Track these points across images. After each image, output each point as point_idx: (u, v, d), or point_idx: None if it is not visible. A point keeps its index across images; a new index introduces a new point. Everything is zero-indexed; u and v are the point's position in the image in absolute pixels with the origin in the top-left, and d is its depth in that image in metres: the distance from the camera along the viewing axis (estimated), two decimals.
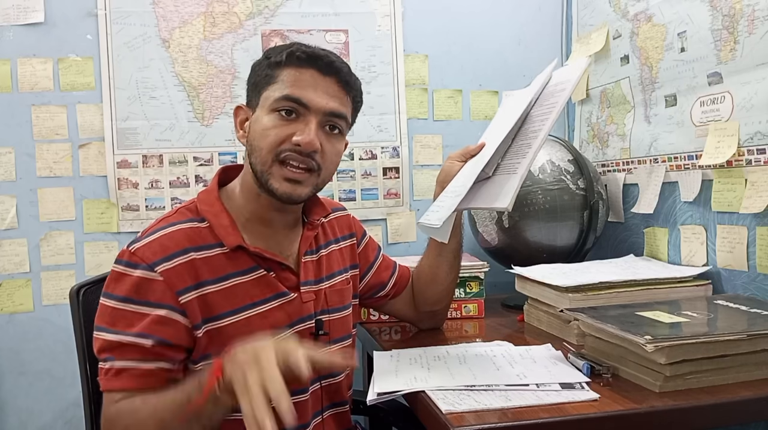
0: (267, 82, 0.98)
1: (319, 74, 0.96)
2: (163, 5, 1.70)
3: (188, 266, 0.93)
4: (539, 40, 1.90)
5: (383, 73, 1.81)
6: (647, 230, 1.52)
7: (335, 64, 0.98)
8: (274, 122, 0.95)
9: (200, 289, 0.93)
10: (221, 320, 0.94)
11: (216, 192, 1.02)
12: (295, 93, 0.95)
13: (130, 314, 0.89)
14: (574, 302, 1.18)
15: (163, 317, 0.89)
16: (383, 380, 0.96)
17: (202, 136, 1.73)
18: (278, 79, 0.97)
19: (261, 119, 0.97)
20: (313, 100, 0.95)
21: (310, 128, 0.95)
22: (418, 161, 1.85)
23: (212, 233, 0.97)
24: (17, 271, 1.64)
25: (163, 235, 0.94)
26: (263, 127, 0.96)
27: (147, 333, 0.88)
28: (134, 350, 0.88)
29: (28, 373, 1.66)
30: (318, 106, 0.96)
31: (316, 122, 0.96)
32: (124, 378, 0.87)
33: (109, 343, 0.88)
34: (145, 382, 0.88)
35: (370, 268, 1.22)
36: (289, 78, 0.96)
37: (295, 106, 0.95)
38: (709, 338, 0.88)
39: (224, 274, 0.96)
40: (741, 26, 1.19)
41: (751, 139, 1.18)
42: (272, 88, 0.97)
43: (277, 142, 0.95)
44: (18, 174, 1.64)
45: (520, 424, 0.79)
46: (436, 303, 1.25)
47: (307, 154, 0.95)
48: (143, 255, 0.91)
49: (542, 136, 0.96)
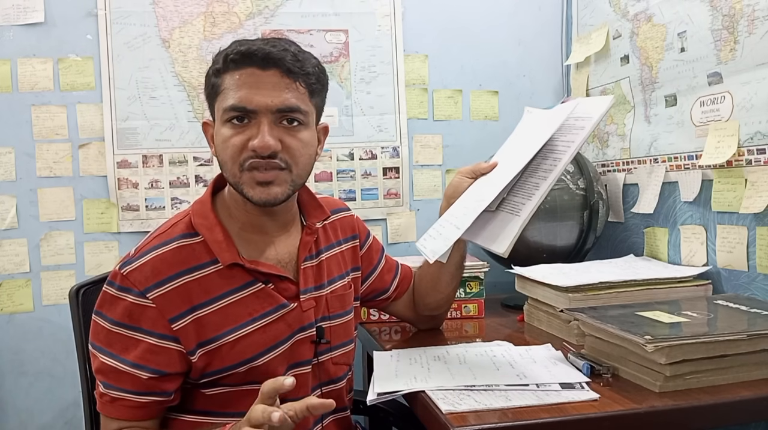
0: (215, 92, 0.95)
1: (259, 70, 0.91)
2: (163, 5, 1.70)
3: (181, 291, 0.92)
4: (539, 40, 1.90)
5: (383, 73, 1.81)
6: (647, 230, 1.52)
7: (272, 54, 0.91)
8: (230, 132, 0.92)
9: (194, 313, 0.92)
10: (217, 341, 0.93)
11: (210, 203, 0.99)
12: (239, 101, 0.90)
13: (123, 338, 0.90)
14: (574, 302, 1.18)
15: (155, 346, 0.90)
16: (383, 380, 0.96)
17: (202, 136, 1.72)
18: (222, 88, 0.93)
19: (219, 132, 0.94)
20: (256, 101, 0.90)
21: (262, 131, 0.90)
22: (418, 161, 1.85)
23: (207, 248, 0.95)
24: (17, 271, 1.64)
25: (156, 257, 0.92)
26: (222, 139, 0.93)
27: (141, 364, 0.89)
28: (129, 380, 0.89)
29: (28, 373, 1.66)
30: (264, 106, 0.90)
31: (268, 122, 0.91)
32: (118, 407, 0.89)
33: (106, 366, 0.90)
34: (139, 414, 0.90)
35: (373, 271, 1.21)
36: (231, 84, 0.92)
37: (242, 113, 0.91)
38: (709, 338, 0.88)
39: (219, 293, 0.94)
40: (741, 26, 1.19)
41: (751, 139, 1.18)
42: (220, 98, 0.93)
43: (236, 152, 0.92)
44: (18, 174, 1.64)
45: (520, 424, 0.79)
46: (435, 309, 1.25)
47: (269, 156, 0.91)
48: (135, 280, 0.90)
49: (552, 178, 0.93)
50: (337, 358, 1.07)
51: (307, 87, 0.95)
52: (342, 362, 1.08)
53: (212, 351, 0.93)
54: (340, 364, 1.08)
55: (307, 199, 1.09)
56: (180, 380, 0.93)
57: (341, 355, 1.08)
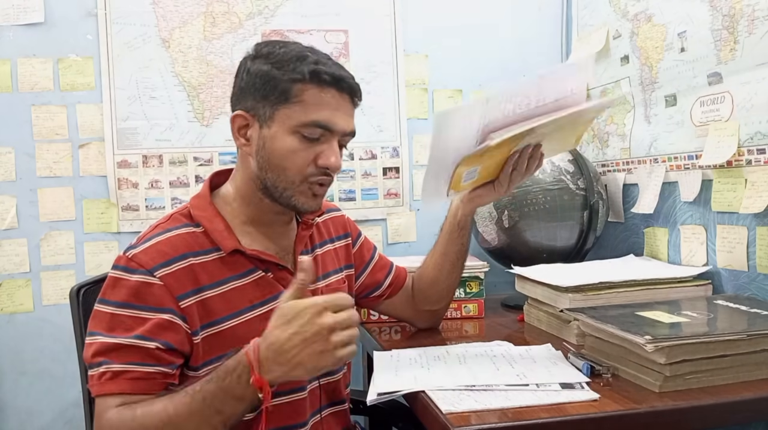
0: (284, 98, 0.94)
1: (339, 94, 0.96)
2: (163, 5, 1.70)
3: (187, 271, 0.92)
4: (539, 40, 1.90)
5: (383, 73, 1.81)
6: (647, 230, 1.52)
7: (351, 82, 0.97)
8: (299, 145, 0.95)
9: (200, 294, 0.93)
10: (220, 325, 0.94)
11: (208, 197, 1.01)
12: (324, 119, 0.94)
13: (129, 318, 0.88)
14: (574, 302, 1.18)
15: (167, 321, 0.89)
16: (383, 380, 0.96)
17: (202, 136, 1.73)
18: (300, 99, 0.93)
19: (282, 139, 0.94)
20: (338, 124, 0.95)
21: (335, 152, 0.96)
22: (418, 161, 1.85)
23: (208, 237, 0.97)
24: (17, 271, 1.64)
25: (161, 241, 0.93)
26: (287, 148, 0.94)
27: (149, 336, 0.87)
28: (135, 352, 0.86)
29: (28, 373, 1.66)
30: (341, 130, 0.96)
31: (337, 143, 0.98)
32: (120, 381, 0.85)
33: (106, 345, 0.86)
34: (143, 386, 0.86)
35: (365, 268, 1.23)
36: (313, 100, 0.94)
37: (323, 131, 0.95)
38: (709, 338, 0.88)
39: (222, 278, 0.95)
40: (741, 26, 1.19)
41: (751, 139, 1.18)
42: (294, 108, 0.93)
43: (303, 165, 0.95)
44: (18, 174, 1.64)
45: (520, 424, 0.79)
46: (436, 302, 1.25)
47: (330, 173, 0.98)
48: (141, 260, 0.90)
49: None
50: None
51: None
52: None
53: (214, 334, 0.93)
54: None
55: None
56: (182, 360, 0.92)
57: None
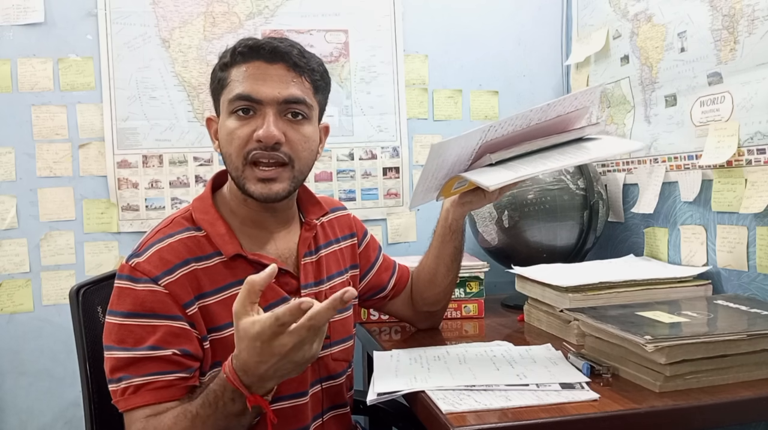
0: (221, 86, 0.97)
1: (266, 64, 0.94)
2: (163, 5, 1.69)
3: (190, 277, 0.92)
4: (539, 40, 1.90)
5: (383, 73, 1.81)
6: (647, 230, 1.52)
7: (280, 49, 0.94)
8: (235, 124, 0.94)
9: (201, 300, 0.93)
10: (223, 331, 0.93)
11: (210, 199, 1.01)
12: (245, 90, 0.93)
13: (138, 328, 0.88)
14: (574, 302, 1.18)
15: (179, 328, 0.89)
16: (383, 380, 0.96)
17: (202, 136, 1.73)
18: (229, 81, 0.95)
19: (224, 124, 0.96)
20: (263, 92, 0.93)
21: (267, 121, 0.93)
22: (418, 161, 1.85)
23: (210, 241, 0.96)
24: (17, 271, 1.64)
25: (163, 247, 0.93)
26: (227, 131, 0.95)
27: (163, 346, 0.87)
28: (152, 363, 0.86)
29: (28, 373, 1.65)
30: (270, 97, 0.93)
31: (274, 113, 0.94)
32: (144, 393, 0.86)
33: (122, 360, 0.87)
34: (166, 394, 0.86)
35: (370, 268, 1.22)
36: (238, 76, 0.94)
37: (249, 103, 0.93)
38: (709, 338, 0.88)
39: (223, 284, 0.95)
40: (741, 26, 1.19)
41: (751, 139, 1.18)
42: (226, 91, 0.96)
43: (242, 144, 0.94)
44: (18, 174, 1.64)
45: (520, 424, 0.79)
46: (433, 304, 1.25)
47: (272, 148, 0.93)
48: (145, 269, 0.90)
49: (554, 167, 0.96)
50: (336, 354, 1.07)
51: (311, 82, 0.98)
52: (341, 358, 1.09)
53: (220, 340, 0.93)
54: (339, 360, 1.08)
55: (305, 197, 1.11)
56: (199, 363, 0.92)
57: (340, 351, 1.08)
